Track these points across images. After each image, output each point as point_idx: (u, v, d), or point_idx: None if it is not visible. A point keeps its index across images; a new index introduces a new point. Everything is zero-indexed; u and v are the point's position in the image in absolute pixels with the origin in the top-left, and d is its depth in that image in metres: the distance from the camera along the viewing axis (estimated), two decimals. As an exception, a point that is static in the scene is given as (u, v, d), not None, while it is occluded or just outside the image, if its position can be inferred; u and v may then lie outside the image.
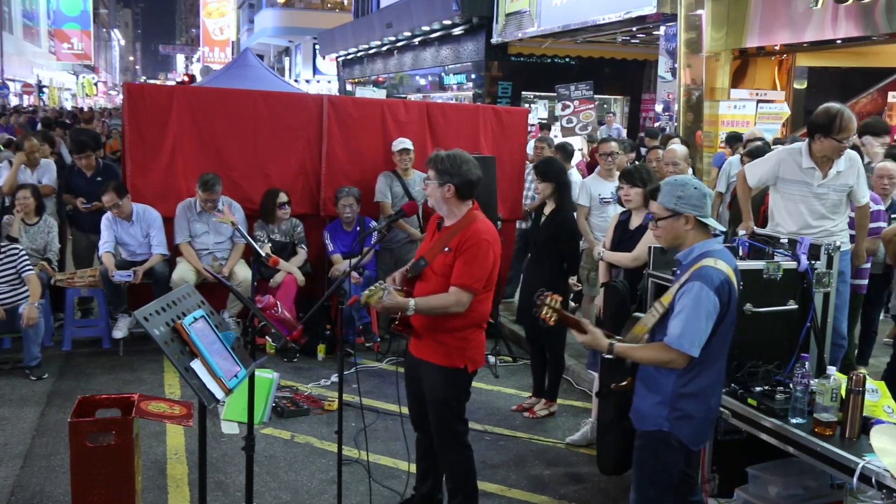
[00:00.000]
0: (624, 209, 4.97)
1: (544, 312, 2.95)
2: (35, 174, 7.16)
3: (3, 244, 5.84)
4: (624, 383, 3.17)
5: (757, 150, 5.79)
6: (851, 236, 4.84)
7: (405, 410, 5.04)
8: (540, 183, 5.15)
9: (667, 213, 2.97)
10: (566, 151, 7.79)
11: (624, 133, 15.47)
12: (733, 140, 9.42)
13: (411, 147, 6.69)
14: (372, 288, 3.39)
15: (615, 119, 16.39)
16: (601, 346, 2.96)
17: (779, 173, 4.58)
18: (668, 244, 3.06)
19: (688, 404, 2.95)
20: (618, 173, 5.73)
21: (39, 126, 14.35)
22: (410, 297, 3.46)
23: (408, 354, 3.78)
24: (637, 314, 3.19)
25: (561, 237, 5.09)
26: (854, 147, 5.37)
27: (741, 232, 4.19)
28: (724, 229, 3.18)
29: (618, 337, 3.05)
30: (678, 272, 3.07)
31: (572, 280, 5.28)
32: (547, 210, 5.21)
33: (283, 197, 6.49)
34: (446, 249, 3.45)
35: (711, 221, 2.98)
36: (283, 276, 6.36)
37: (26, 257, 5.85)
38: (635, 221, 4.72)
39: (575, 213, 5.42)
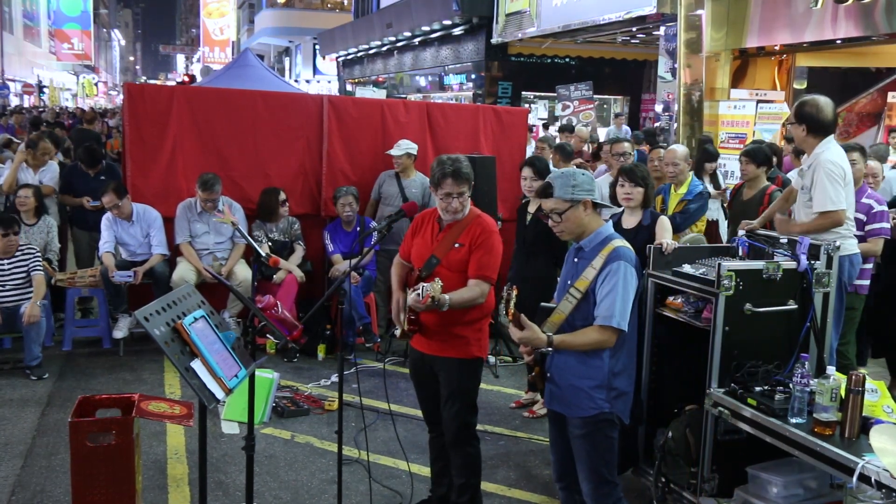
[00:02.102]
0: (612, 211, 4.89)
1: (511, 308, 2.98)
2: (37, 175, 7.15)
3: (22, 244, 5.87)
4: (533, 373, 3.25)
5: (755, 151, 5.78)
6: (859, 237, 4.83)
7: (404, 410, 5.06)
8: (536, 180, 5.12)
9: (567, 205, 3.10)
10: (565, 152, 7.80)
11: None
12: (650, 136, 10.51)
13: (398, 153, 6.68)
14: (434, 285, 3.34)
15: (624, 121, 16.40)
16: (541, 340, 3.00)
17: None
18: (573, 235, 3.17)
19: (620, 381, 3.11)
20: None
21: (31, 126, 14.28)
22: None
23: (415, 355, 3.77)
24: (545, 304, 3.22)
25: (551, 233, 5.07)
26: (858, 147, 5.38)
27: (741, 231, 4.19)
28: (610, 206, 3.31)
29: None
30: (578, 261, 3.16)
31: None
32: (533, 208, 5.20)
33: (282, 194, 6.51)
34: (457, 245, 3.54)
35: (601, 200, 3.19)
36: (285, 273, 6.38)
37: (39, 257, 5.91)
38: (630, 221, 4.69)
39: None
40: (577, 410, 3.12)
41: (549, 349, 3.07)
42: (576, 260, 3.19)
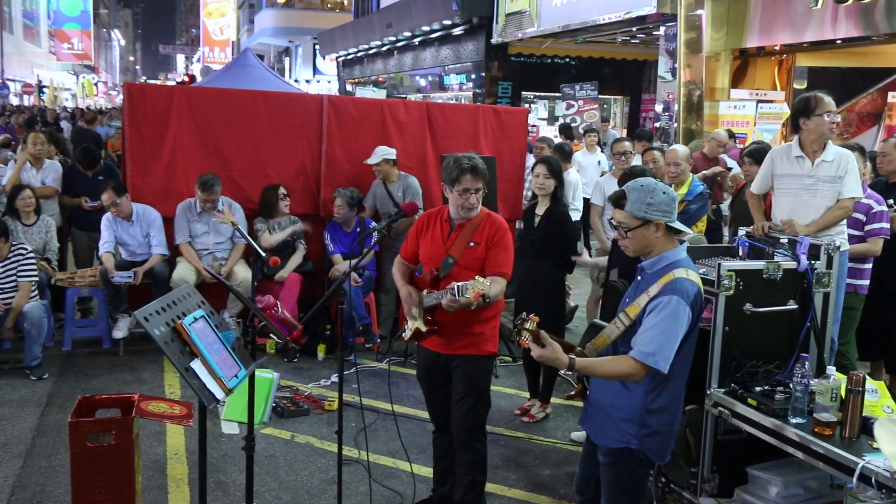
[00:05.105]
0: None
1: (523, 337, 2.80)
2: (40, 174, 7.16)
3: (14, 244, 5.86)
4: (573, 393, 3.14)
5: (758, 151, 5.78)
6: (852, 237, 4.82)
7: (404, 410, 5.07)
8: (548, 178, 5.06)
9: (637, 223, 2.84)
10: (564, 152, 7.81)
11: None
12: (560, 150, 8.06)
13: (374, 161, 6.60)
14: (476, 283, 3.27)
15: (609, 126, 16.27)
16: (561, 361, 2.77)
17: (774, 170, 4.61)
18: (637, 252, 2.94)
19: (655, 420, 2.89)
20: None
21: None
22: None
23: (429, 355, 3.75)
24: (597, 321, 3.08)
25: (561, 234, 5.06)
26: (858, 147, 5.37)
27: (741, 231, 4.19)
28: (691, 232, 3.11)
29: (578, 349, 2.94)
30: (640, 280, 2.95)
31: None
32: (541, 210, 5.13)
33: (282, 190, 6.51)
34: (472, 244, 3.59)
35: (679, 225, 2.90)
36: (288, 272, 6.39)
37: (31, 262, 5.86)
38: None
39: (572, 212, 5.39)
40: (603, 439, 2.98)
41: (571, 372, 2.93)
42: (639, 278, 2.98)
